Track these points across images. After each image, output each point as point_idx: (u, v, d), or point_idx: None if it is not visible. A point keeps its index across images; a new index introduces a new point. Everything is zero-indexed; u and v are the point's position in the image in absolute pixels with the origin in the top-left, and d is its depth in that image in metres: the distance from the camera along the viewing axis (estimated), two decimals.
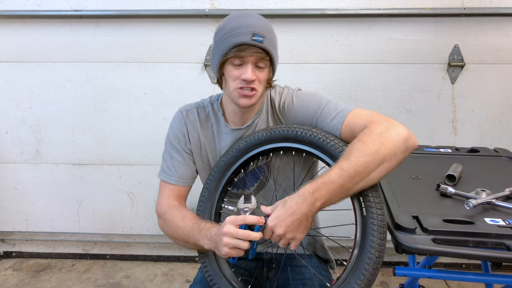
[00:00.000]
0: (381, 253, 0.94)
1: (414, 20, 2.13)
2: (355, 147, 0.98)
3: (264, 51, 1.08)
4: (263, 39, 1.07)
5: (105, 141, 2.40)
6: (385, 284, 2.29)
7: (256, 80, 1.10)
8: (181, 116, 1.27)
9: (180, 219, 1.17)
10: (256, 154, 1.19)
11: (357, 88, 2.23)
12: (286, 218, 0.96)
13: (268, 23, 1.13)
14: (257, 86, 1.11)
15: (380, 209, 0.97)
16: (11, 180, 2.49)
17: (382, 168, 0.97)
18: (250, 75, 1.08)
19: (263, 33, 1.08)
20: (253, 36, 1.06)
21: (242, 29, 1.07)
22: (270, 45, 1.09)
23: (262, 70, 1.11)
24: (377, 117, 1.06)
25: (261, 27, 1.09)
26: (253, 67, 1.09)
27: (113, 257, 2.59)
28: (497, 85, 2.18)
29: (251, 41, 1.06)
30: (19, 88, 2.36)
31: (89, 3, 2.19)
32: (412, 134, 1.01)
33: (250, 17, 1.11)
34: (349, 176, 0.95)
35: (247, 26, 1.07)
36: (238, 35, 1.06)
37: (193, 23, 2.20)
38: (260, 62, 1.10)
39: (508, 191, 1.16)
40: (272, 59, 1.12)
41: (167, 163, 1.28)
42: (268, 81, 1.16)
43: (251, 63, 1.09)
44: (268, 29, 1.11)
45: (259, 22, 1.10)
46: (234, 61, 1.09)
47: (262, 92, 1.15)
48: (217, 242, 1.03)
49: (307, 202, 0.96)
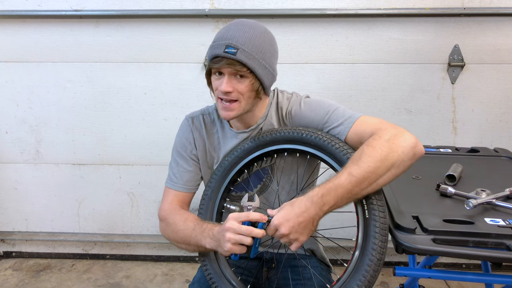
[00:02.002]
0: (382, 255, 0.94)
1: (414, 20, 2.13)
2: (364, 152, 0.98)
3: (240, 62, 1.07)
4: (236, 51, 1.06)
5: (105, 141, 2.40)
6: (385, 284, 2.29)
7: (235, 91, 1.10)
8: (187, 123, 1.29)
9: (182, 221, 1.18)
10: (260, 155, 1.19)
11: (357, 88, 2.23)
12: (292, 218, 0.97)
13: (252, 33, 1.10)
14: (238, 97, 1.11)
15: (383, 212, 0.97)
16: (11, 180, 2.50)
17: (389, 174, 0.98)
18: (224, 86, 1.09)
19: (238, 45, 1.07)
20: (226, 48, 1.07)
21: (220, 40, 1.09)
22: (245, 57, 1.07)
23: (242, 81, 1.10)
24: (385, 124, 1.06)
25: (238, 38, 1.08)
26: (231, 78, 1.10)
27: (113, 257, 2.59)
28: (497, 85, 2.18)
29: (223, 53, 1.07)
30: (19, 88, 2.36)
31: (89, 3, 2.19)
32: (419, 142, 1.02)
33: (234, 27, 1.10)
34: (358, 181, 0.95)
35: (224, 38, 1.08)
36: (215, 47, 1.09)
37: (193, 23, 2.20)
38: (239, 73, 1.09)
39: (508, 191, 1.16)
40: (253, 70, 1.09)
41: (173, 170, 1.30)
42: (256, 92, 1.14)
43: (227, 75, 1.10)
44: (248, 39, 1.08)
45: (239, 32, 1.09)
46: (215, 72, 1.13)
47: (248, 102, 1.14)
48: (219, 240, 1.04)
49: (315, 205, 0.96)
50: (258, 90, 1.14)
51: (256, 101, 1.18)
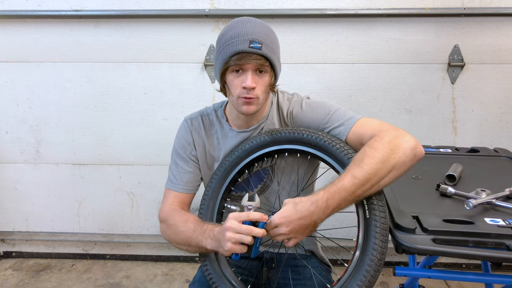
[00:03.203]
0: (383, 255, 0.94)
1: (414, 20, 2.13)
2: (366, 153, 0.99)
3: (263, 57, 1.09)
4: (261, 46, 1.08)
5: (105, 141, 2.40)
6: (385, 284, 2.29)
7: (257, 87, 1.11)
8: (186, 125, 1.30)
9: (183, 222, 1.18)
10: (261, 155, 1.19)
11: (357, 88, 2.23)
12: (294, 220, 0.97)
13: (267, 28, 1.13)
14: (258, 92, 1.12)
15: (383, 212, 0.97)
16: (11, 180, 2.49)
17: (391, 176, 0.98)
18: (250, 82, 1.09)
19: (261, 39, 1.08)
20: (251, 44, 1.07)
21: (240, 36, 1.08)
22: (269, 51, 1.09)
23: (262, 76, 1.12)
24: (385, 126, 1.07)
25: (259, 33, 1.09)
26: (253, 74, 1.10)
27: (113, 257, 2.59)
28: (497, 85, 2.18)
29: (249, 48, 1.07)
30: (19, 88, 2.36)
31: (89, 3, 2.19)
32: (420, 144, 1.02)
33: (248, 23, 1.11)
34: (361, 184, 0.96)
35: (245, 34, 1.08)
36: (237, 43, 1.08)
37: (193, 23, 2.20)
38: (260, 69, 1.10)
39: (508, 191, 1.16)
40: (273, 64, 1.12)
41: (173, 172, 1.30)
42: (271, 86, 1.16)
43: (251, 71, 1.10)
44: (267, 34, 1.11)
45: (257, 28, 1.10)
46: (234, 69, 1.11)
47: (264, 98, 1.15)
48: (220, 239, 1.04)
49: (318, 209, 0.97)
50: (274, 85, 1.17)
51: (268, 97, 1.20)
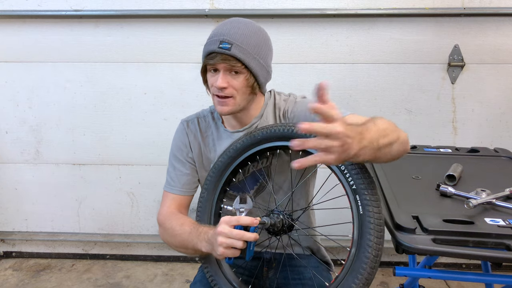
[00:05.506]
0: (378, 251, 0.93)
1: (414, 20, 2.13)
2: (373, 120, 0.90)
3: (234, 58, 1.08)
4: (230, 46, 1.08)
5: (105, 141, 2.40)
6: (385, 284, 2.29)
7: (230, 87, 1.11)
8: (182, 127, 1.31)
9: (179, 226, 1.18)
10: (254, 154, 1.19)
11: (357, 88, 2.23)
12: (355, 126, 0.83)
13: (249, 30, 1.11)
14: (232, 93, 1.12)
15: (377, 207, 0.96)
16: (11, 180, 2.49)
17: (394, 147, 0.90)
18: (219, 82, 1.10)
19: (232, 40, 1.08)
20: (220, 44, 1.08)
21: (214, 37, 1.11)
22: (239, 52, 1.08)
23: (236, 77, 1.11)
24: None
25: (234, 34, 1.09)
26: (226, 74, 1.11)
27: (113, 257, 2.59)
28: (497, 85, 2.18)
29: (218, 48, 1.08)
30: (19, 88, 2.36)
31: (89, 3, 2.19)
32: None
33: (229, 24, 1.12)
34: (381, 132, 0.86)
35: (219, 34, 1.10)
36: (210, 44, 1.12)
37: (193, 23, 2.20)
38: (234, 69, 1.10)
39: (508, 191, 1.16)
40: (248, 66, 1.10)
41: (170, 175, 1.30)
42: (252, 88, 1.14)
43: (222, 71, 1.11)
44: (244, 35, 1.10)
45: (234, 29, 1.10)
46: (211, 69, 1.14)
47: (244, 99, 1.15)
48: (213, 243, 1.04)
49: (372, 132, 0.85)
50: (253, 86, 1.15)
51: (252, 98, 1.18)
